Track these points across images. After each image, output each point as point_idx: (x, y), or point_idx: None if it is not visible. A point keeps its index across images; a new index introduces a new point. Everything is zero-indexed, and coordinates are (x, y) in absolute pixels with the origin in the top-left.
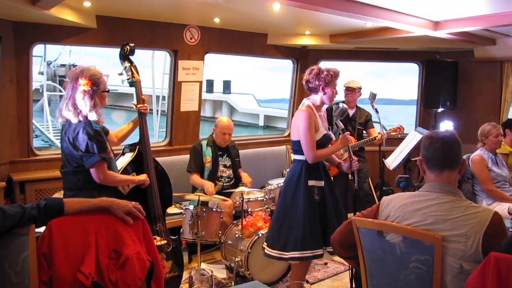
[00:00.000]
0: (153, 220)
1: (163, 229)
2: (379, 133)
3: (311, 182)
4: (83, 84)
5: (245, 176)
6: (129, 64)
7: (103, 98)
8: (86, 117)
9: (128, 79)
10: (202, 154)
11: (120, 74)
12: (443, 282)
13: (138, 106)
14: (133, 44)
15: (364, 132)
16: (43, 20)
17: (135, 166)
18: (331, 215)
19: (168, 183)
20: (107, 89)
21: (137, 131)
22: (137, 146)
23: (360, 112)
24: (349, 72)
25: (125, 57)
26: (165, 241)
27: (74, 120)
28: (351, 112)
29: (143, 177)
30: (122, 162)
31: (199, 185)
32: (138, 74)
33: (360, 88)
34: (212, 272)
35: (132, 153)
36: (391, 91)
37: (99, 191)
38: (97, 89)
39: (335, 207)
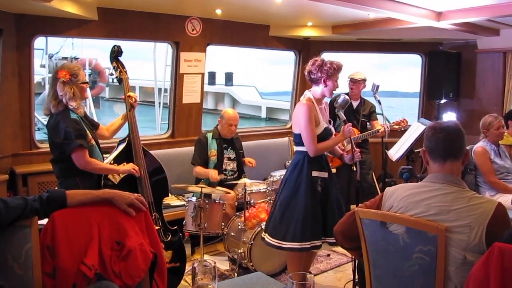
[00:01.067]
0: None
1: (158, 218)
2: (382, 125)
3: (315, 173)
4: (62, 76)
5: (248, 159)
6: (117, 63)
7: (83, 90)
8: (65, 107)
9: (116, 77)
10: (207, 147)
11: (111, 74)
12: (446, 273)
13: (126, 99)
14: (120, 47)
15: (368, 124)
16: (44, 12)
17: (126, 156)
18: (333, 206)
19: (160, 172)
20: (86, 81)
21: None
22: (127, 138)
23: (364, 104)
24: (354, 65)
25: (114, 58)
26: (157, 227)
27: (53, 110)
28: (355, 104)
29: (128, 166)
30: (114, 154)
31: (203, 175)
32: (126, 73)
33: (364, 80)
34: (215, 263)
35: (123, 144)
36: (396, 83)
37: (82, 178)
38: (76, 80)
39: (336, 199)
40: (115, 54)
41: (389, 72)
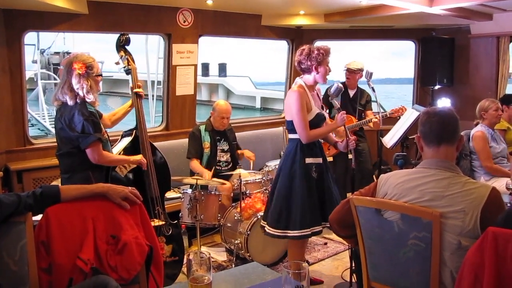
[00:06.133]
0: (151, 201)
1: (162, 212)
2: (375, 116)
3: (308, 160)
4: (77, 68)
5: (246, 151)
6: (125, 53)
7: (97, 82)
8: (82, 99)
9: (124, 67)
10: (201, 140)
11: (117, 63)
12: (441, 258)
13: (135, 90)
14: (128, 35)
15: (363, 114)
16: (34, 7)
17: (133, 149)
18: (329, 191)
19: (165, 166)
20: (100, 73)
21: (132, 116)
22: (134, 131)
23: (361, 93)
24: (371, 52)
25: (121, 47)
26: (163, 222)
27: (70, 102)
28: (351, 92)
29: (138, 157)
30: (119, 147)
31: (197, 172)
32: (134, 62)
33: (360, 70)
34: (209, 254)
35: (130, 138)
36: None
37: (94, 172)
38: (91, 72)
39: (332, 183)
40: (123, 43)
41: (405, 59)
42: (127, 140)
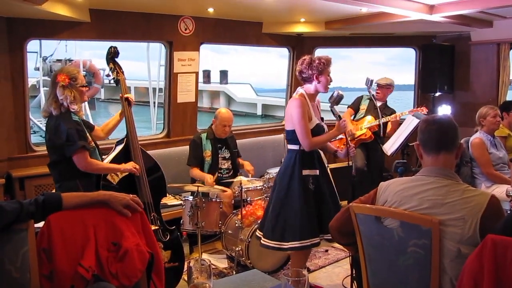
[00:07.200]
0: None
1: (157, 218)
2: (395, 115)
3: (305, 172)
4: (61, 80)
5: (246, 164)
6: (114, 65)
7: (83, 93)
8: (67, 109)
9: (113, 78)
10: (202, 148)
11: (108, 75)
12: (441, 265)
13: (125, 95)
14: (117, 48)
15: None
16: (36, 15)
17: (125, 157)
18: (327, 202)
19: (158, 172)
20: (85, 84)
21: (124, 125)
22: (125, 139)
23: (386, 106)
24: (389, 61)
25: (110, 59)
26: (157, 227)
27: (55, 112)
28: (378, 103)
29: (129, 165)
30: (112, 155)
31: (198, 178)
32: (123, 73)
33: (389, 85)
34: (210, 261)
35: (121, 145)
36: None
37: (82, 180)
38: (75, 83)
39: (330, 195)
40: (112, 55)
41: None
42: (119, 148)
